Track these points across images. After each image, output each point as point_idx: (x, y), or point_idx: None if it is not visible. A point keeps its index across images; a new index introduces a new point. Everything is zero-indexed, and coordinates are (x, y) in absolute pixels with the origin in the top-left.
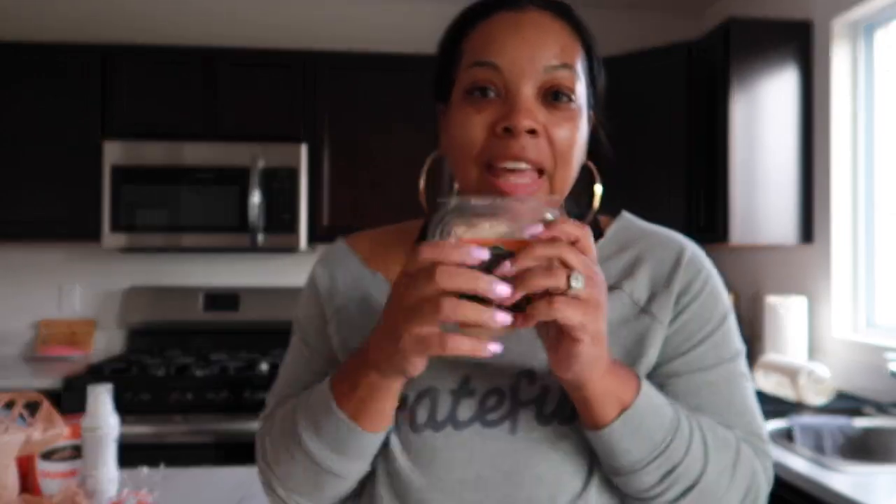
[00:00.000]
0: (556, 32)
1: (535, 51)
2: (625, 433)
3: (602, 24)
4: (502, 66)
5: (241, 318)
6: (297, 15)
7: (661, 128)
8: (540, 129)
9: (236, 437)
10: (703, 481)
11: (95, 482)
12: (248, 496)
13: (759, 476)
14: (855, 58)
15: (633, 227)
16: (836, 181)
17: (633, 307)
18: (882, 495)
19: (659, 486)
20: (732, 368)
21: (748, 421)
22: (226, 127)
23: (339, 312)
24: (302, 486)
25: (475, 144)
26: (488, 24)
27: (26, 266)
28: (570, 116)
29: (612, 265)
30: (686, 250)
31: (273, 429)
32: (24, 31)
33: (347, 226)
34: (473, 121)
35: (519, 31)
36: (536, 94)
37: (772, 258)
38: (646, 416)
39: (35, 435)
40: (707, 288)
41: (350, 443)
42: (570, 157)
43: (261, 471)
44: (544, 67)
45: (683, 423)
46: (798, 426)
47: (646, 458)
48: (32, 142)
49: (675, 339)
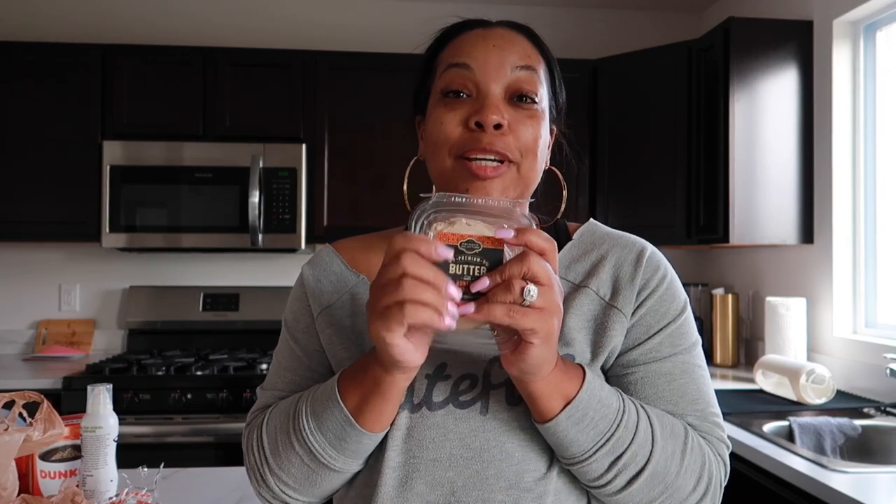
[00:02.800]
0: (520, 42)
1: (503, 54)
2: (569, 425)
3: (602, 24)
4: (474, 67)
5: (240, 317)
6: (297, 15)
7: (661, 127)
8: (506, 124)
9: (236, 437)
10: (651, 466)
11: (95, 482)
12: (247, 496)
13: (710, 462)
14: (855, 58)
15: (597, 231)
16: (837, 181)
17: (599, 302)
18: (882, 495)
19: (608, 474)
20: (688, 359)
21: (702, 408)
22: (226, 127)
23: (325, 311)
24: (296, 479)
25: (450, 139)
26: (461, 38)
27: (26, 266)
28: (533, 115)
29: (578, 265)
30: (646, 250)
31: (270, 421)
32: (25, 30)
33: (347, 226)
34: (448, 118)
35: (488, 39)
36: (504, 94)
37: (772, 258)
38: (589, 408)
39: (35, 435)
40: (664, 284)
41: (349, 440)
42: (533, 151)
43: (250, 464)
44: (510, 68)
45: (630, 412)
46: (798, 426)
47: (591, 447)
48: (32, 142)
49: (634, 331)
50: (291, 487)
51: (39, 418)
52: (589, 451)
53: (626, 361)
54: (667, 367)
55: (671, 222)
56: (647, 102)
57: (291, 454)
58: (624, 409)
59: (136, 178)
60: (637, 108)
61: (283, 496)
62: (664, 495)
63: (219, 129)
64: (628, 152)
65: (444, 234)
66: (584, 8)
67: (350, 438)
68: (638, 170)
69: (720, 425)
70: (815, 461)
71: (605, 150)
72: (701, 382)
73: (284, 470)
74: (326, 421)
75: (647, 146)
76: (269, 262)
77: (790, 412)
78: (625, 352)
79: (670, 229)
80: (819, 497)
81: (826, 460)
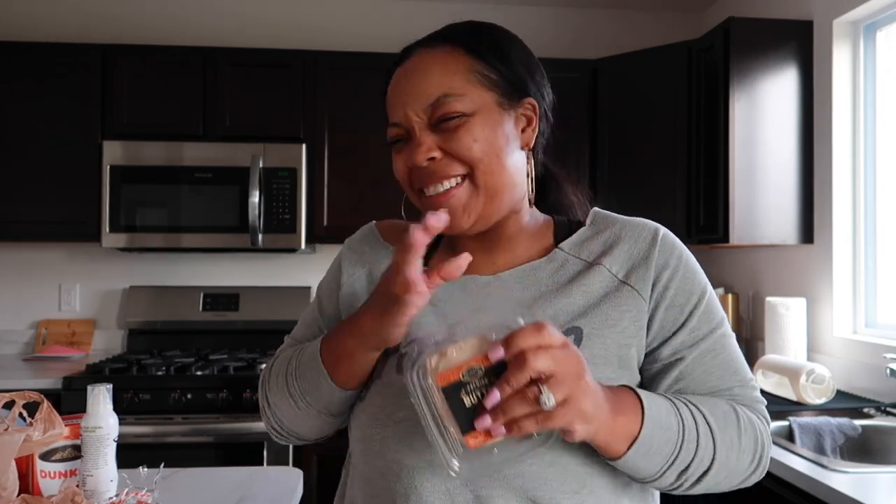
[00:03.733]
0: (429, 68)
1: (416, 99)
2: (638, 459)
3: (603, 24)
4: (400, 121)
5: (240, 317)
6: (296, 15)
7: (661, 127)
8: (438, 153)
9: (236, 436)
10: (716, 464)
11: (95, 482)
12: (247, 496)
13: (760, 432)
14: (855, 58)
15: (609, 215)
16: (837, 181)
17: (612, 279)
18: (882, 495)
19: (677, 482)
20: (725, 331)
21: (742, 376)
22: (226, 127)
23: (350, 280)
24: (285, 414)
25: (405, 180)
26: (391, 85)
27: (26, 266)
28: (460, 124)
29: (591, 244)
30: (660, 231)
31: (275, 363)
32: (25, 30)
33: (347, 226)
34: (398, 163)
35: (402, 86)
36: (429, 127)
37: (772, 258)
38: (653, 439)
39: (35, 435)
40: (683, 262)
41: (322, 391)
42: (478, 154)
43: (260, 396)
44: (424, 108)
45: (689, 425)
46: (798, 426)
47: (660, 469)
48: (32, 142)
49: (670, 316)
50: (283, 422)
51: (39, 418)
52: (658, 473)
53: (674, 347)
54: (709, 343)
55: (671, 222)
56: (647, 102)
57: (283, 395)
58: (683, 425)
59: (136, 178)
60: (637, 108)
61: (278, 427)
62: (727, 479)
63: (219, 129)
64: (628, 152)
65: (443, 375)
66: (584, 8)
67: (322, 390)
68: (638, 170)
69: (756, 388)
70: (815, 461)
71: (605, 150)
72: (737, 352)
73: (278, 406)
74: (307, 372)
75: (647, 146)
76: (269, 262)
77: (790, 412)
78: (669, 337)
79: (670, 229)
80: (819, 497)
81: (826, 460)
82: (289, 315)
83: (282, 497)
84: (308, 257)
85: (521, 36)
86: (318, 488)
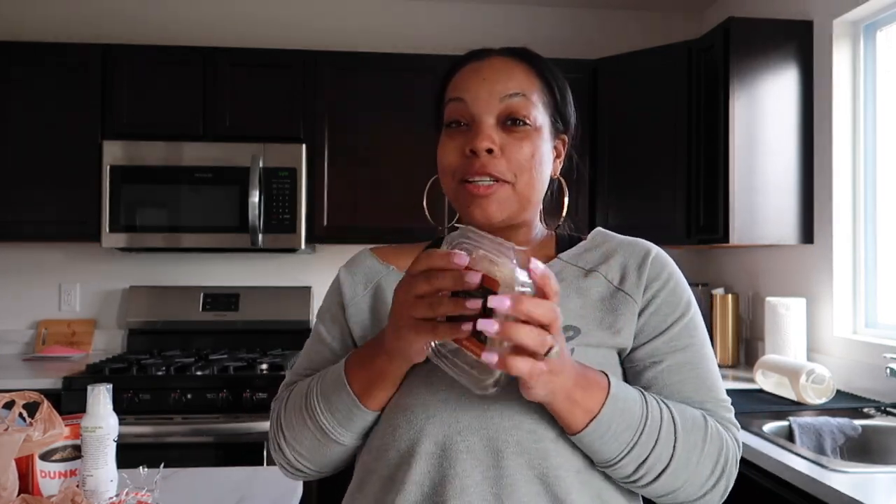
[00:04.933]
0: (512, 70)
1: (492, 85)
2: (594, 438)
3: (603, 24)
4: (467, 99)
5: (240, 317)
6: (297, 15)
7: (661, 127)
8: (497, 148)
9: (236, 436)
10: (675, 462)
11: (95, 482)
12: (247, 496)
13: (727, 443)
14: (855, 58)
15: (608, 234)
16: (837, 181)
17: (607, 286)
18: (882, 495)
19: (635, 475)
20: (705, 351)
21: (716, 395)
22: (226, 127)
23: (354, 300)
24: (307, 450)
25: (452, 165)
26: (459, 73)
27: (26, 266)
28: (524, 136)
29: (589, 255)
30: (652, 250)
31: (289, 399)
32: (24, 30)
33: (347, 226)
34: (449, 147)
35: (479, 73)
36: (496, 121)
37: (772, 258)
38: (612, 421)
39: (35, 435)
40: (673, 279)
41: (355, 419)
42: (527, 168)
43: (271, 435)
44: (500, 98)
45: (653, 416)
46: (798, 426)
47: (616, 456)
48: (32, 141)
49: (652, 321)
50: (303, 457)
51: (39, 418)
52: (615, 459)
53: (650, 351)
54: (687, 355)
55: (671, 222)
56: (647, 102)
57: (304, 429)
58: (647, 414)
59: (136, 178)
60: (637, 108)
61: (295, 463)
62: (687, 483)
63: (219, 129)
64: (628, 152)
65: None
66: (585, 8)
67: (356, 418)
68: (638, 170)
69: (731, 410)
70: (815, 461)
71: (605, 150)
72: (716, 373)
73: (298, 441)
74: (336, 402)
75: (647, 146)
76: (269, 262)
77: (790, 412)
78: (647, 341)
79: (670, 229)
80: (819, 497)
81: (826, 460)
82: (289, 315)
83: (282, 497)
84: (308, 257)
85: (522, 35)
86: (319, 488)
